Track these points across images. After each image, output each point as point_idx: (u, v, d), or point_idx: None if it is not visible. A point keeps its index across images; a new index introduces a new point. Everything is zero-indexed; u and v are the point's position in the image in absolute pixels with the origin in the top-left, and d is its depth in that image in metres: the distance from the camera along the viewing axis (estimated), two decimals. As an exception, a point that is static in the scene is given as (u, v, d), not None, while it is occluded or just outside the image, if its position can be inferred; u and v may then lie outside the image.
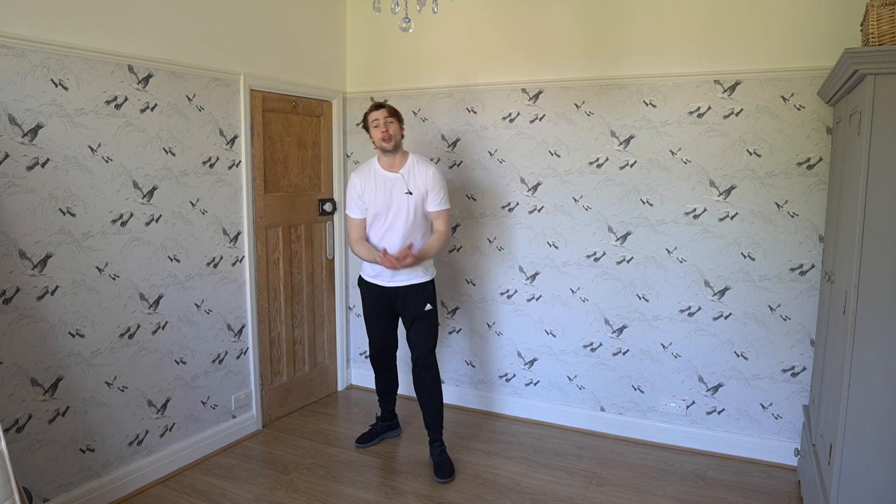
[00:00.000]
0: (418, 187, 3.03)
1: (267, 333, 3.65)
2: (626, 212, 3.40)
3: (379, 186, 3.03)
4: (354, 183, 3.09)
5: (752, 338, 3.20)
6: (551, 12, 3.45)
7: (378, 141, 2.98)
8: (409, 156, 3.08)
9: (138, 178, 2.83)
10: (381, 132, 2.97)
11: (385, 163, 3.06)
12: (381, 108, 3.01)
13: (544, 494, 2.92)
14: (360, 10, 4.01)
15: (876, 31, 1.99)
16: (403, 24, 2.30)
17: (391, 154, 3.03)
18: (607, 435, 3.56)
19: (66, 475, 2.63)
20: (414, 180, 3.03)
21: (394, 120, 3.01)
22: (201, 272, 3.18)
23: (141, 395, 2.92)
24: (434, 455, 3.14)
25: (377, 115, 2.99)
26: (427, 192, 3.04)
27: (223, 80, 3.22)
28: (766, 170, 3.08)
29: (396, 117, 3.03)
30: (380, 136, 2.97)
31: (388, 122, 2.98)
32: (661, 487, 2.99)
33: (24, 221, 2.42)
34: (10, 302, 2.39)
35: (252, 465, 3.19)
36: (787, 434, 3.18)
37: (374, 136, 3.00)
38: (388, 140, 2.97)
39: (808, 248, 3.04)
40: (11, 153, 2.36)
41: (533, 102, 3.56)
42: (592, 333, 3.57)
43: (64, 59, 2.50)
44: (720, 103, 3.14)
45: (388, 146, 2.98)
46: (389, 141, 2.97)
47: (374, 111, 3.02)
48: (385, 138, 2.97)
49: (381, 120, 2.98)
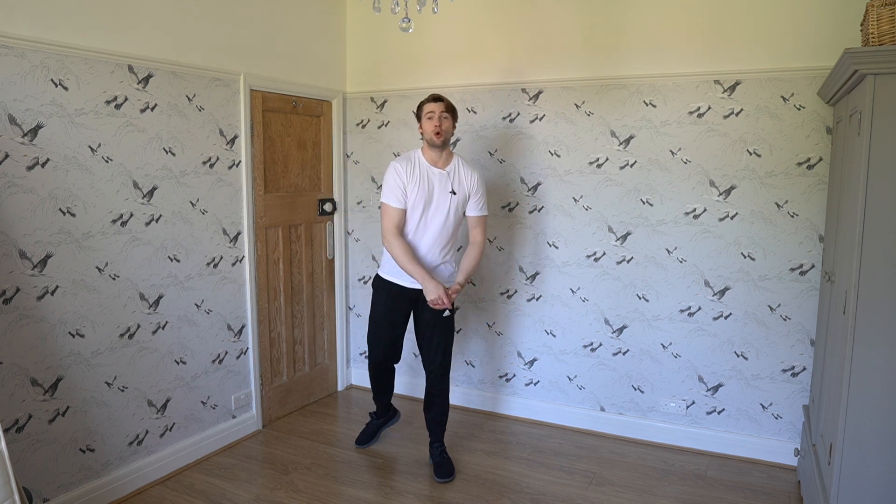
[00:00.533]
0: (462, 189, 2.96)
1: (267, 333, 3.65)
2: (626, 212, 3.40)
3: (423, 179, 2.91)
4: (398, 171, 2.90)
5: (752, 338, 3.20)
6: (551, 12, 3.45)
7: (429, 133, 2.87)
8: (454, 156, 3.00)
9: (138, 178, 2.83)
10: (433, 125, 2.86)
11: (430, 157, 2.94)
12: (440, 101, 2.90)
13: (544, 494, 2.92)
14: (360, 10, 4.01)
15: (876, 31, 1.99)
16: (403, 24, 2.30)
17: (438, 150, 2.92)
18: (607, 435, 3.56)
19: (66, 475, 2.63)
20: (459, 181, 2.95)
21: (449, 116, 2.90)
22: (201, 272, 3.18)
23: (141, 395, 2.92)
24: (434, 455, 3.13)
25: (433, 108, 2.88)
26: (469, 196, 2.98)
27: (223, 80, 3.22)
28: (766, 170, 3.08)
29: (452, 114, 2.93)
30: (432, 128, 2.86)
31: (443, 116, 2.87)
32: (661, 487, 2.99)
33: (24, 221, 2.42)
34: (10, 302, 2.39)
35: (252, 465, 3.19)
36: (787, 434, 3.18)
37: (426, 128, 2.89)
38: (440, 135, 2.86)
39: (808, 248, 3.04)
40: (11, 153, 2.36)
41: (533, 102, 3.56)
42: (592, 333, 3.56)
43: (64, 59, 2.50)
44: (720, 103, 3.14)
45: (437, 141, 2.87)
46: (440, 136, 2.86)
47: (431, 102, 2.90)
48: (437, 132, 2.86)
49: (436, 113, 2.87)
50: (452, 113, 2.93)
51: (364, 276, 4.20)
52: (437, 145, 2.89)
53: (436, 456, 3.12)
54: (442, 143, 2.89)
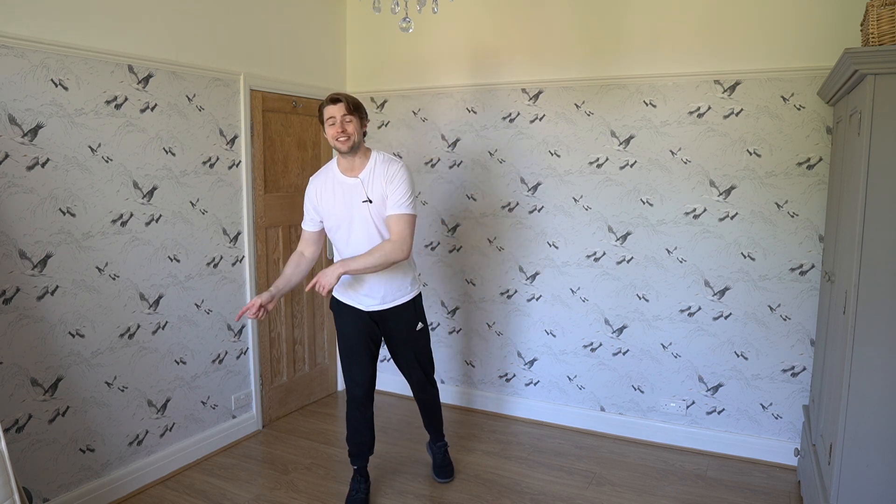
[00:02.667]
0: (377, 192, 2.53)
1: (267, 333, 3.65)
2: (626, 212, 3.40)
3: (337, 194, 2.58)
4: (309, 191, 2.66)
5: (752, 338, 3.20)
6: (551, 12, 3.45)
7: (332, 140, 2.51)
8: (371, 155, 2.60)
9: (138, 178, 2.83)
10: (335, 130, 2.48)
11: (343, 166, 2.59)
12: (338, 103, 2.49)
13: (544, 494, 2.92)
14: (360, 10, 4.01)
15: (876, 31, 1.99)
16: (403, 24, 2.30)
17: (349, 156, 2.55)
18: (607, 435, 3.56)
19: (66, 475, 2.62)
20: (372, 185, 2.54)
21: (353, 118, 2.50)
22: (201, 272, 3.18)
23: (141, 395, 2.92)
24: (436, 455, 3.10)
25: (333, 111, 2.49)
26: (386, 195, 2.53)
27: (223, 80, 3.22)
28: (766, 170, 3.08)
29: (357, 113, 2.53)
30: (333, 134, 2.49)
31: (345, 120, 2.48)
32: (661, 487, 2.99)
33: (24, 221, 2.41)
34: (10, 302, 2.39)
35: (252, 465, 3.19)
36: (787, 434, 3.18)
37: (329, 135, 2.52)
38: (345, 140, 2.49)
39: (808, 248, 3.04)
40: (11, 153, 2.36)
41: (533, 102, 3.56)
42: (592, 333, 3.56)
43: (64, 59, 2.50)
44: (720, 103, 3.14)
45: (343, 147, 2.50)
46: (346, 141, 2.49)
47: (329, 105, 2.51)
48: (340, 138, 2.49)
49: (337, 117, 2.48)
50: (358, 112, 2.54)
51: (364, 276, 4.20)
52: (344, 152, 2.53)
53: (438, 456, 3.09)
54: (350, 149, 2.51)
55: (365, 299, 2.67)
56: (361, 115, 2.57)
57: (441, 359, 3.94)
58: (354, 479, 2.85)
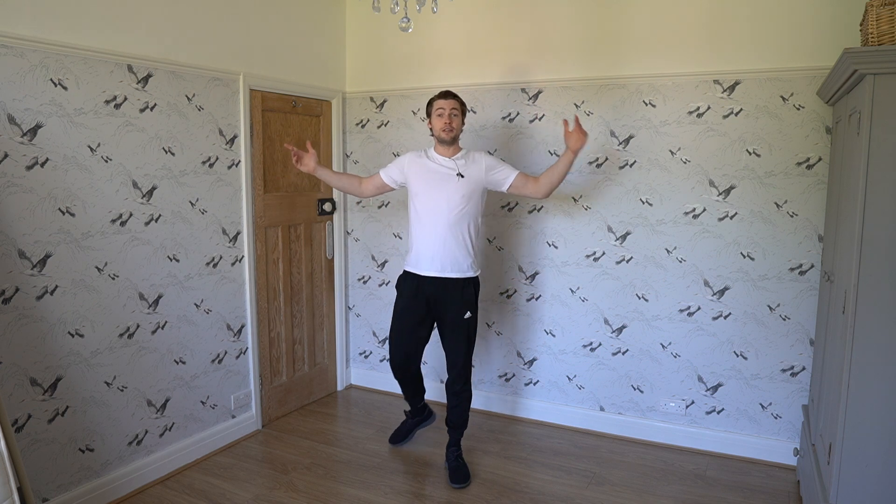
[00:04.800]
0: (472, 171, 2.94)
1: (266, 333, 3.65)
2: (625, 211, 3.40)
3: (429, 169, 2.96)
4: (406, 157, 3.05)
5: (751, 337, 3.20)
6: (551, 12, 3.45)
7: (438, 130, 2.92)
8: (462, 149, 3.05)
9: (138, 178, 2.83)
10: (443, 122, 2.90)
11: (440, 150, 2.99)
12: (450, 98, 2.93)
13: (543, 494, 2.92)
14: (359, 10, 4.01)
15: (875, 31, 1.99)
16: (403, 24, 2.30)
17: (447, 145, 2.95)
18: (607, 435, 3.56)
19: (66, 475, 2.62)
20: (467, 166, 2.96)
21: (459, 114, 2.93)
22: (201, 272, 3.18)
23: (140, 395, 2.92)
24: (450, 459, 3.10)
25: (443, 104, 2.92)
26: (486, 173, 2.95)
27: (222, 79, 3.21)
28: (765, 169, 3.08)
29: (462, 111, 2.97)
30: (441, 125, 2.90)
31: (453, 113, 2.91)
32: (661, 487, 2.99)
33: (23, 221, 2.41)
34: (9, 302, 2.39)
35: (251, 464, 3.19)
36: (786, 434, 3.19)
37: (435, 125, 2.93)
38: (449, 132, 2.90)
39: (808, 247, 3.04)
40: (11, 153, 2.36)
41: (532, 102, 3.56)
42: (592, 333, 3.57)
43: (63, 59, 2.50)
44: (720, 103, 3.14)
45: (447, 137, 2.91)
46: (450, 133, 2.91)
47: (441, 99, 2.93)
48: (446, 129, 2.90)
49: (446, 110, 2.90)
50: (462, 110, 2.97)
51: (364, 275, 4.20)
52: (446, 141, 2.92)
53: (451, 460, 3.08)
54: (451, 140, 2.93)
55: (427, 264, 2.97)
56: (464, 113, 3.00)
57: (441, 358, 3.94)
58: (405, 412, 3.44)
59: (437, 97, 2.96)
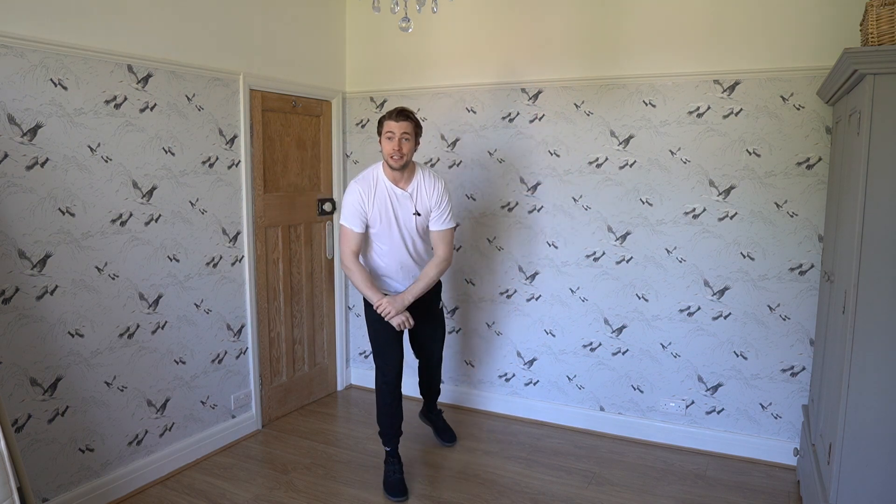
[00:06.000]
0: (424, 207, 2.80)
1: (266, 333, 3.65)
2: (625, 212, 3.40)
3: (384, 201, 2.76)
4: (357, 192, 2.76)
5: (751, 338, 3.20)
6: (551, 12, 3.45)
7: (386, 156, 2.69)
8: (416, 170, 2.82)
9: (138, 178, 2.83)
10: (392, 147, 2.65)
11: (391, 176, 2.76)
12: (402, 121, 2.66)
13: (543, 494, 2.92)
14: (359, 10, 4.01)
15: (875, 31, 1.99)
16: (403, 24, 2.30)
17: (398, 170, 2.74)
18: (607, 435, 3.56)
19: (66, 475, 2.62)
20: (421, 199, 2.79)
21: (411, 137, 2.67)
22: (201, 272, 3.18)
23: (140, 395, 2.92)
24: (438, 422, 3.39)
25: (394, 128, 2.65)
26: (431, 210, 2.81)
27: (222, 79, 3.21)
28: (765, 170, 3.08)
29: (415, 134, 2.71)
30: (389, 151, 2.66)
31: (404, 138, 2.65)
32: (661, 487, 2.99)
33: (23, 221, 2.41)
34: (9, 302, 2.39)
35: (251, 464, 3.19)
36: (786, 434, 3.19)
37: (384, 149, 2.69)
38: (398, 159, 2.66)
39: (808, 247, 3.04)
40: (11, 153, 2.36)
41: (532, 102, 3.56)
42: (592, 333, 3.57)
43: (63, 59, 2.50)
44: (720, 103, 3.14)
45: (395, 165, 2.68)
46: (399, 160, 2.66)
47: (391, 120, 2.67)
48: (395, 156, 2.65)
49: (396, 134, 2.64)
50: (416, 133, 2.72)
51: (363, 275, 4.19)
52: (395, 168, 2.71)
53: (438, 422, 3.38)
54: (401, 167, 2.71)
55: (392, 284, 2.97)
56: (418, 135, 2.75)
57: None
58: (389, 462, 2.97)
59: (388, 117, 2.68)
